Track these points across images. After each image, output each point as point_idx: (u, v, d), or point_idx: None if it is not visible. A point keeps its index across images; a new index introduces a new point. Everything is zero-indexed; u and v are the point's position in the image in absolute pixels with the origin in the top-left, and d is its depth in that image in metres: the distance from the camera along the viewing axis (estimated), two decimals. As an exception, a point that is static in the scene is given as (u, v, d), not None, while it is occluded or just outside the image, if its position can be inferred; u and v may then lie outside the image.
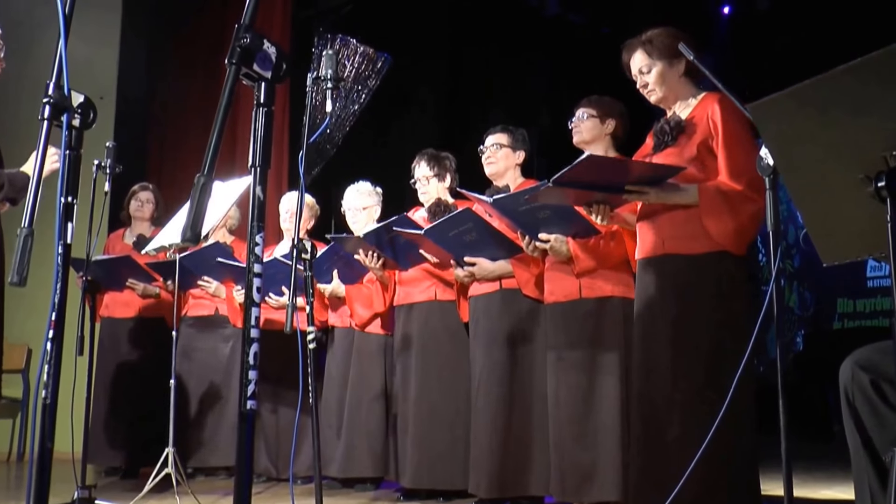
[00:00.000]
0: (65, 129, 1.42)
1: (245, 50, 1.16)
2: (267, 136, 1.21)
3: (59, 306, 1.41)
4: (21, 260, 1.31)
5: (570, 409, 2.95)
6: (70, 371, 3.18)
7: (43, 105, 1.40)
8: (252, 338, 1.17)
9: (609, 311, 2.97)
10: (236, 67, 1.17)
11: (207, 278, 4.18)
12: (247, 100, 1.27)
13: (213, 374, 4.41)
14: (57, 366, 1.42)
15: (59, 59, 1.38)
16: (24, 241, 1.32)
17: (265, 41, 1.19)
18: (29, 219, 1.35)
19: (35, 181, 1.37)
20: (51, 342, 1.40)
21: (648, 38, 2.55)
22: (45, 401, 1.42)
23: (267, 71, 1.20)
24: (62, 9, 1.37)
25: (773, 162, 1.97)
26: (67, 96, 1.40)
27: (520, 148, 3.46)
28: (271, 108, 1.22)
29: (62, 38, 1.37)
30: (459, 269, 3.34)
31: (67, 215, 1.42)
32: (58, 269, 1.40)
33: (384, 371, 3.87)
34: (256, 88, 1.22)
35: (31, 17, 4.25)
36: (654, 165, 2.44)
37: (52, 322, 1.39)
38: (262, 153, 1.21)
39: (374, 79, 5.90)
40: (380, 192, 4.16)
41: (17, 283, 1.32)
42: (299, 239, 2.50)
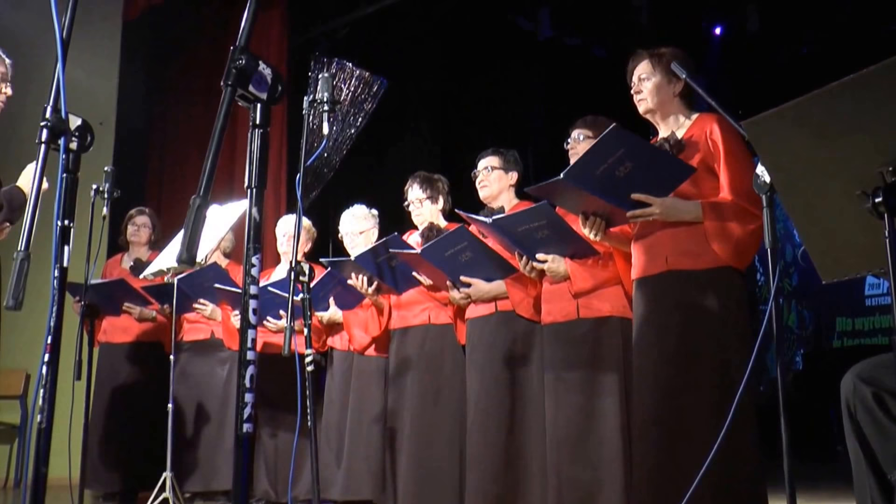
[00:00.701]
0: (62, 152, 1.42)
1: (240, 71, 1.17)
2: (263, 156, 1.21)
3: (55, 329, 1.40)
4: (17, 283, 1.30)
5: (569, 430, 2.92)
6: (68, 396, 3.17)
7: (40, 128, 1.40)
8: (248, 360, 1.17)
9: (608, 331, 2.95)
10: (232, 89, 1.17)
11: (203, 301, 4.17)
12: (246, 121, 1.27)
13: (211, 397, 4.39)
14: (52, 390, 1.41)
15: (57, 83, 1.38)
16: (20, 264, 1.32)
17: (260, 62, 1.19)
18: (25, 242, 1.35)
19: (32, 205, 1.37)
20: (47, 366, 1.39)
21: (658, 52, 2.59)
22: (41, 425, 1.41)
23: (262, 92, 1.21)
24: (60, 33, 1.38)
25: (769, 179, 1.98)
26: (65, 119, 1.40)
27: (512, 169, 3.47)
28: (267, 129, 1.22)
29: (60, 62, 1.37)
30: (455, 291, 3.33)
31: (64, 238, 1.42)
32: (54, 293, 1.40)
33: (384, 393, 3.85)
34: (252, 110, 1.22)
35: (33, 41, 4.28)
36: (673, 157, 2.43)
37: (48, 345, 1.38)
38: (258, 174, 1.21)
39: (370, 102, 5.95)
40: (376, 215, 4.17)
41: (12, 307, 1.31)
42: (297, 262, 2.49)
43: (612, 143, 2.26)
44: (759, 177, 2.02)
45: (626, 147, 2.27)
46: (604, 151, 2.27)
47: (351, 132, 5.98)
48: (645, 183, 2.37)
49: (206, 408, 4.39)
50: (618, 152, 2.26)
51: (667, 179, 2.40)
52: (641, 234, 2.57)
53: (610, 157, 2.27)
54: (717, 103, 2.29)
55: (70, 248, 1.43)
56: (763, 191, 2.02)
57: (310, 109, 2.59)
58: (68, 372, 3.07)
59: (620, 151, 2.26)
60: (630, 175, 2.33)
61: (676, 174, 2.40)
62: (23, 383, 5.53)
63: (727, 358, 2.36)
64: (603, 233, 2.53)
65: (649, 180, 2.37)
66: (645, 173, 2.34)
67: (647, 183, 2.37)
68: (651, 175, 2.36)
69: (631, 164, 2.30)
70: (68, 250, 1.43)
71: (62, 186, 1.43)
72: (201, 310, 4.21)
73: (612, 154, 2.26)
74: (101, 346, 4.50)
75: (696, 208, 2.42)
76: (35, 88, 2.89)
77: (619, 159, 2.28)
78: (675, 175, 2.40)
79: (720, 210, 2.41)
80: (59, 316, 1.41)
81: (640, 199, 2.39)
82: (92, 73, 5.53)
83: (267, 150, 1.22)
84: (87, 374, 3.36)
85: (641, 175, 2.34)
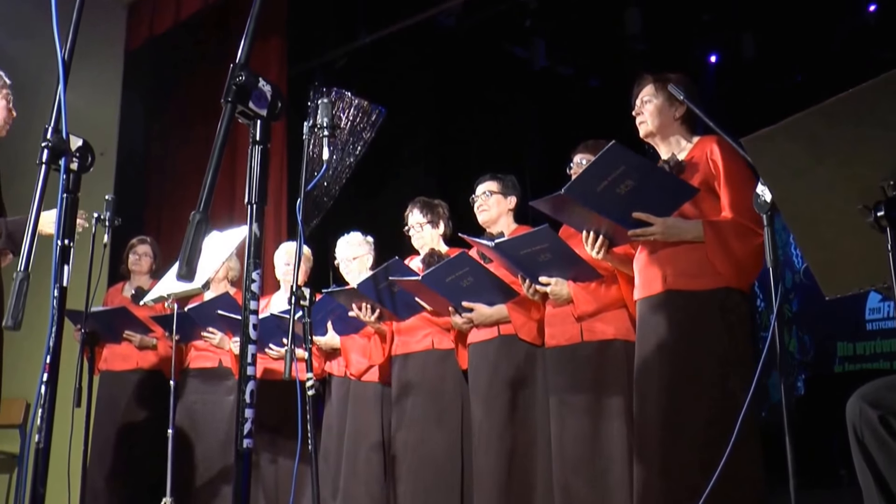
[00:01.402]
0: (62, 172, 1.42)
1: (240, 88, 1.17)
2: (263, 172, 1.21)
3: (54, 350, 1.39)
4: (16, 304, 1.30)
5: (575, 454, 2.90)
6: (67, 423, 3.14)
7: (41, 149, 1.40)
8: (248, 375, 1.15)
9: (612, 354, 2.94)
10: (232, 105, 1.18)
11: (212, 329, 4.16)
12: (245, 142, 1.27)
13: (217, 425, 4.34)
14: (51, 410, 1.40)
15: (58, 104, 1.39)
16: (19, 284, 1.31)
17: (260, 79, 1.19)
18: (25, 262, 1.34)
19: (31, 225, 1.36)
20: (45, 385, 1.38)
21: (665, 76, 2.60)
22: (39, 445, 1.39)
23: (262, 109, 1.21)
24: (61, 54, 1.39)
25: (770, 198, 1.98)
26: (66, 140, 1.41)
27: (510, 193, 3.48)
28: (267, 146, 1.22)
29: (61, 83, 1.38)
30: (457, 317, 3.32)
31: (64, 258, 1.41)
32: (53, 313, 1.39)
33: (381, 420, 3.82)
34: (252, 126, 1.22)
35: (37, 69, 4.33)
36: (675, 178, 2.42)
37: (47, 365, 1.37)
38: (258, 190, 1.21)
39: (369, 131, 5.98)
40: (371, 242, 4.17)
41: (11, 326, 1.30)
42: (297, 286, 2.49)
43: (613, 159, 2.26)
44: (759, 196, 2.01)
45: (626, 164, 2.26)
46: (604, 167, 2.27)
47: (350, 161, 6.00)
48: (647, 202, 2.36)
49: (212, 435, 4.34)
50: (618, 169, 2.25)
51: (669, 199, 2.40)
52: (643, 254, 2.56)
53: (610, 174, 2.26)
54: (715, 124, 2.31)
55: (70, 268, 1.43)
56: (764, 210, 2.01)
57: (310, 135, 2.60)
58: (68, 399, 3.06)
59: (621, 168, 2.25)
60: (632, 193, 2.32)
61: (679, 194, 2.39)
62: (23, 412, 5.49)
63: (728, 380, 2.34)
64: (605, 252, 2.52)
65: (651, 200, 2.36)
66: (647, 192, 2.33)
67: (649, 202, 2.36)
68: (653, 194, 2.35)
69: (632, 183, 2.29)
70: (68, 270, 1.42)
71: (62, 206, 1.43)
72: (210, 338, 4.18)
73: (612, 171, 2.26)
74: (102, 373, 4.48)
75: (697, 227, 2.42)
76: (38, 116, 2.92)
77: (620, 176, 2.27)
78: (678, 195, 2.39)
79: (721, 228, 2.40)
80: (58, 336, 1.40)
81: (641, 217, 2.39)
82: (94, 103, 5.57)
83: (267, 166, 1.22)
84: (87, 401, 3.34)
85: (643, 194, 2.33)
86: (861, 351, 8.48)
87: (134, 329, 4.31)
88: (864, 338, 8.44)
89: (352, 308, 3.59)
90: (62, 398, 1.56)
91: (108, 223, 3.23)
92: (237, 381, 3.97)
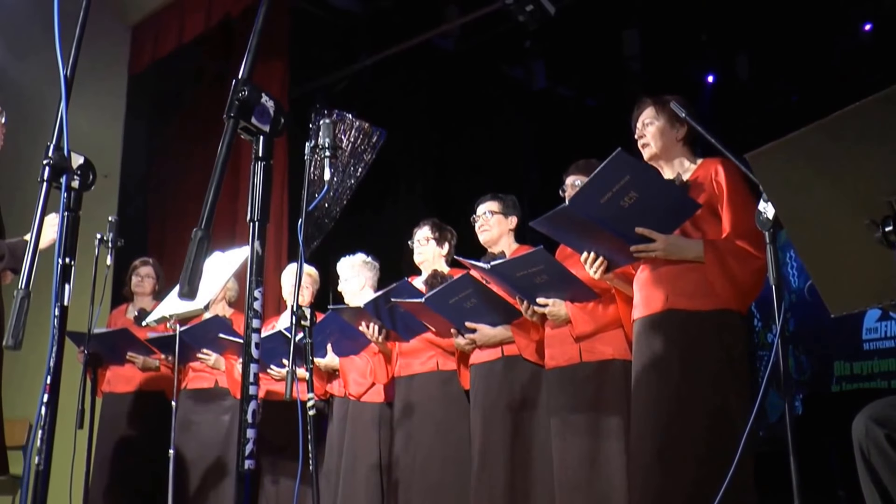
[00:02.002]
0: (64, 190, 1.42)
1: (243, 103, 1.16)
2: (266, 189, 1.20)
3: (55, 370, 1.37)
4: (17, 322, 1.28)
5: (576, 474, 2.87)
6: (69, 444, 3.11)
7: (42, 166, 1.40)
8: (250, 395, 1.14)
9: (611, 374, 2.92)
10: (234, 121, 1.17)
11: (207, 350, 4.15)
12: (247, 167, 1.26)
13: (214, 445, 4.33)
14: (51, 431, 1.38)
15: (60, 121, 1.38)
16: (20, 303, 1.30)
17: (263, 95, 1.19)
18: (25, 281, 1.33)
19: (32, 243, 1.35)
20: (45, 406, 1.36)
21: (663, 99, 2.60)
22: (39, 466, 1.37)
23: (265, 124, 1.20)
24: (63, 70, 1.38)
25: (772, 215, 1.97)
26: (67, 158, 1.40)
27: (511, 213, 3.49)
28: (270, 162, 1.21)
29: (63, 101, 1.38)
30: (460, 338, 3.31)
31: (65, 276, 1.40)
32: (54, 332, 1.38)
33: (379, 441, 3.80)
34: (255, 142, 1.21)
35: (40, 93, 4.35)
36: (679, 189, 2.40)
37: (48, 385, 1.36)
38: (261, 207, 1.20)
39: (369, 153, 5.99)
40: (373, 262, 4.18)
41: (12, 346, 1.29)
42: (298, 306, 2.47)
43: (618, 167, 2.24)
44: (761, 213, 2.01)
45: (631, 173, 2.24)
46: (609, 177, 2.24)
47: (351, 182, 6.01)
48: (650, 216, 2.35)
49: (209, 455, 4.33)
50: (623, 179, 2.23)
51: (671, 215, 2.38)
52: (644, 273, 2.54)
53: (615, 184, 2.24)
54: (718, 142, 2.30)
55: (71, 287, 1.42)
56: (766, 227, 2.01)
57: (311, 155, 2.60)
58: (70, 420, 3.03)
59: (626, 178, 2.23)
60: (635, 206, 2.30)
61: (681, 209, 2.38)
62: (26, 433, 5.44)
63: (726, 401, 2.32)
64: (604, 272, 2.50)
65: (654, 214, 2.34)
66: (650, 205, 2.31)
67: (652, 216, 2.35)
68: (656, 208, 2.33)
69: (636, 195, 2.27)
70: (69, 288, 1.41)
71: (64, 224, 1.42)
72: (205, 359, 4.19)
73: (617, 180, 2.23)
74: (105, 395, 4.49)
75: (699, 247, 2.41)
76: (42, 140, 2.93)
77: (625, 187, 2.25)
78: (680, 210, 2.38)
79: (721, 250, 2.39)
80: (58, 356, 1.38)
81: (644, 233, 2.37)
82: (98, 125, 5.59)
83: (270, 182, 1.21)
84: (89, 422, 3.32)
85: (647, 208, 2.31)
86: (858, 370, 8.45)
87: (137, 351, 4.31)
88: (861, 357, 8.41)
89: (359, 326, 3.59)
90: (65, 420, 1.55)
91: (110, 244, 3.22)
92: (234, 400, 3.98)
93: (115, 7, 6.16)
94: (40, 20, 4.96)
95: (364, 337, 3.63)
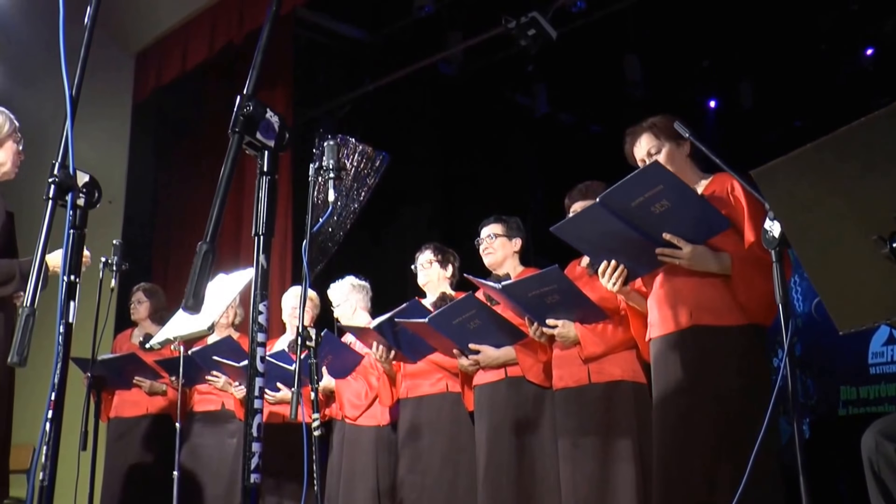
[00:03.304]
0: (69, 208, 1.42)
1: (248, 118, 1.17)
2: (271, 204, 1.20)
3: (59, 387, 1.36)
4: (22, 340, 1.28)
5: (586, 497, 2.83)
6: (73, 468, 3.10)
7: (48, 184, 1.40)
8: (255, 409, 1.13)
9: (620, 395, 2.90)
10: (239, 136, 1.17)
11: (216, 373, 4.14)
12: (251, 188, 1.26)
13: (220, 468, 4.32)
14: (55, 447, 1.37)
15: (65, 140, 1.39)
16: (25, 320, 1.30)
17: (268, 110, 1.19)
18: (31, 298, 1.33)
19: (38, 261, 1.35)
20: (49, 423, 1.35)
21: (653, 122, 2.57)
22: (43, 482, 1.36)
23: (270, 139, 1.20)
24: (69, 90, 1.39)
25: (778, 233, 1.96)
26: (73, 175, 1.40)
27: (515, 235, 3.48)
28: (275, 177, 1.21)
29: (69, 119, 1.38)
30: (464, 359, 3.29)
31: (70, 294, 1.40)
32: (58, 349, 1.37)
33: (376, 464, 3.76)
34: (259, 157, 1.21)
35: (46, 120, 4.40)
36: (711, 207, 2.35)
37: (52, 402, 1.35)
38: (266, 221, 1.20)
39: (373, 177, 6.01)
40: (362, 284, 4.17)
41: (17, 363, 1.28)
42: (304, 327, 2.47)
43: (653, 176, 2.21)
44: (767, 231, 1.99)
45: (665, 184, 2.20)
46: (643, 182, 2.21)
47: (354, 207, 6.02)
48: (679, 226, 2.30)
49: (215, 478, 4.32)
50: (656, 187, 2.20)
51: (701, 229, 2.33)
52: (662, 288, 2.49)
53: (648, 191, 2.20)
54: (719, 159, 2.29)
55: (76, 304, 1.41)
56: (772, 245, 1.99)
57: (315, 177, 2.61)
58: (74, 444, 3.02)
59: (659, 187, 2.20)
60: (665, 215, 2.26)
61: (711, 225, 2.33)
62: (30, 458, 5.42)
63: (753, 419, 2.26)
64: (622, 284, 2.46)
65: (683, 225, 2.30)
66: (680, 216, 2.27)
67: (680, 227, 2.30)
68: (686, 220, 2.29)
69: (668, 204, 2.23)
70: (74, 306, 1.41)
71: (69, 242, 1.42)
72: (213, 382, 4.17)
73: (650, 187, 2.20)
74: (111, 420, 4.50)
75: (724, 260, 2.35)
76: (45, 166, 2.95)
77: (657, 195, 2.21)
78: (710, 226, 2.33)
79: (749, 264, 2.33)
80: (63, 373, 1.38)
81: (672, 240, 2.31)
82: (103, 152, 5.65)
83: (275, 197, 1.21)
84: (93, 446, 3.32)
85: (677, 217, 2.27)
86: (865, 395, 8.39)
87: (144, 375, 4.31)
88: (867, 382, 8.35)
89: (368, 345, 3.57)
90: (68, 443, 1.54)
91: (115, 268, 3.23)
92: (239, 423, 3.96)
93: (119, 36, 6.24)
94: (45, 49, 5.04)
95: (356, 356, 3.62)
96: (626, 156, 2.65)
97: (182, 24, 6.11)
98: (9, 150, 2.58)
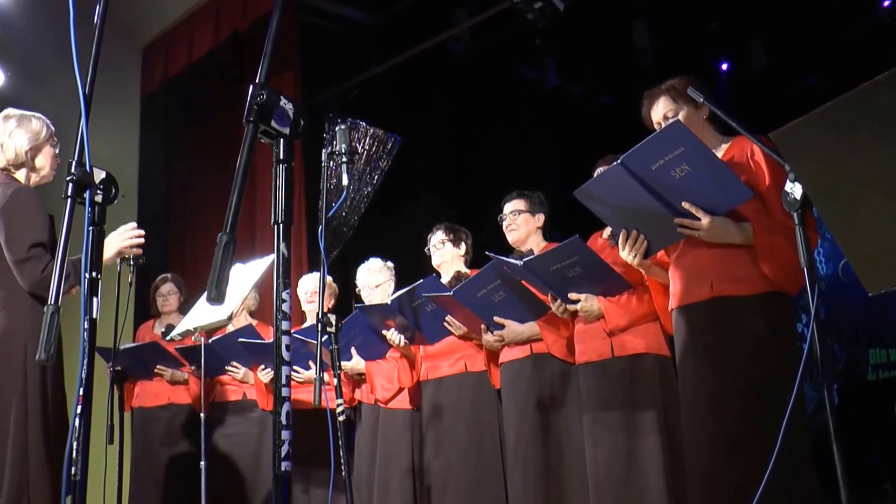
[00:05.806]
0: (87, 205, 1.42)
1: (262, 107, 1.16)
2: (288, 192, 1.20)
3: (87, 382, 1.37)
4: (48, 336, 1.29)
5: (611, 472, 2.82)
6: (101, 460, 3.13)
7: (66, 183, 1.40)
8: (283, 397, 1.13)
9: (644, 368, 2.88)
10: (254, 125, 1.16)
11: (236, 364, 4.16)
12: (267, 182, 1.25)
13: (243, 457, 4.36)
14: (86, 441, 1.38)
15: (81, 138, 1.39)
16: (50, 317, 1.30)
17: (282, 97, 1.18)
18: (55, 296, 1.34)
19: (60, 260, 1.36)
20: (79, 418, 1.36)
21: (671, 85, 2.51)
22: (75, 477, 1.37)
23: (285, 127, 1.19)
24: (82, 89, 1.39)
25: (800, 195, 1.92)
26: (89, 173, 1.41)
27: (538, 211, 3.45)
28: (291, 164, 1.20)
29: (83, 117, 1.38)
30: (489, 334, 3.28)
31: (92, 290, 1.40)
32: (84, 345, 1.38)
33: (412, 447, 3.77)
34: (275, 145, 1.21)
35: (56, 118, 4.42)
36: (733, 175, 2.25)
37: (80, 397, 1.36)
38: (284, 209, 1.19)
39: (385, 160, 5.99)
40: (391, 267, 4.16)
41: (44, 359, 1.29)
42: (324, 313, 2.47)
43: (673, 136, 2.14)
44: (788, 193, 1.95)
45: (685, 146, 2.14)
46: (664, 143, 2.15)
47: (367, 190, 6.01)
48: (698, 194, 2.24)
49: (239, 467, 4.35)
50: (677, 150, 2.13)
51: (721, 197, 2.26)
52: (682, 258, 2.45)
53: (668, 153, 2.14)
54: (736, 123, 2.24)
55: (99, 300, 1.42)
56: (794, 208, 1.94)
57: (328, 161, 2.60)
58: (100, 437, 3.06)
59: (679, 150, 2.13)
60: (685, 180, 2.20)
61: (732, 194, 2.25)
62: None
63: (781, 388, 2.22)
64: (642, 256, 2.42)
65: (703, 192, 2.24)
66: (701, 183, 2.21)
67: (700, 194, 2.24)
68: (706, 187, 2.22)
69: (689, 169, 2.17)
70: (97, 302, 1.42)
71: (88, 239, 1.43)
72: (234, 373, 4.20)
73: (671, 150, 2.13)
74: (135, 410, 4.54)
75: (745, 231, 2.30)
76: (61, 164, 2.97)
77: (678, 158, 2.14)
78: (732, 195, 2.25)
79: (772, 232, 2.28)
80: (90, 367, 1.38)
81: (691, 209, 2.26)
82: (114, 147, 5.66)
83: (292, 184, 1.20)
84: (119, 437, 3.36)
85: (697, 184, 2.21)
86: (895, 357, 8.26)
87: (167, 363, 4.34)
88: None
89: (384, 327, 3.56)
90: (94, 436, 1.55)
91: (132, 262, 3.25)
92: (262, 413, 3.98)
93: (125, 32, 6.24)
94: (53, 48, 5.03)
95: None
96: (644, 119, 2.60)
97: (187, 16, 6.10)
98: (47, 154, 2.62)
